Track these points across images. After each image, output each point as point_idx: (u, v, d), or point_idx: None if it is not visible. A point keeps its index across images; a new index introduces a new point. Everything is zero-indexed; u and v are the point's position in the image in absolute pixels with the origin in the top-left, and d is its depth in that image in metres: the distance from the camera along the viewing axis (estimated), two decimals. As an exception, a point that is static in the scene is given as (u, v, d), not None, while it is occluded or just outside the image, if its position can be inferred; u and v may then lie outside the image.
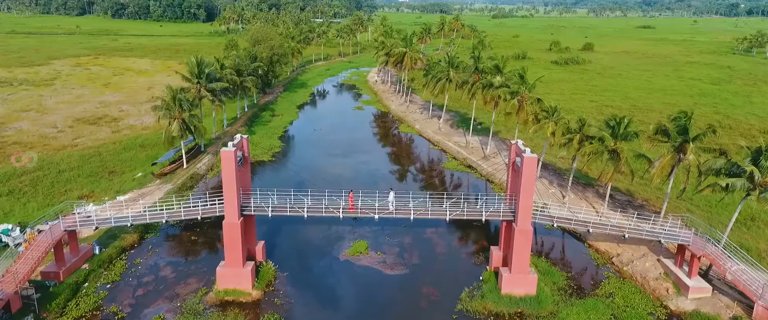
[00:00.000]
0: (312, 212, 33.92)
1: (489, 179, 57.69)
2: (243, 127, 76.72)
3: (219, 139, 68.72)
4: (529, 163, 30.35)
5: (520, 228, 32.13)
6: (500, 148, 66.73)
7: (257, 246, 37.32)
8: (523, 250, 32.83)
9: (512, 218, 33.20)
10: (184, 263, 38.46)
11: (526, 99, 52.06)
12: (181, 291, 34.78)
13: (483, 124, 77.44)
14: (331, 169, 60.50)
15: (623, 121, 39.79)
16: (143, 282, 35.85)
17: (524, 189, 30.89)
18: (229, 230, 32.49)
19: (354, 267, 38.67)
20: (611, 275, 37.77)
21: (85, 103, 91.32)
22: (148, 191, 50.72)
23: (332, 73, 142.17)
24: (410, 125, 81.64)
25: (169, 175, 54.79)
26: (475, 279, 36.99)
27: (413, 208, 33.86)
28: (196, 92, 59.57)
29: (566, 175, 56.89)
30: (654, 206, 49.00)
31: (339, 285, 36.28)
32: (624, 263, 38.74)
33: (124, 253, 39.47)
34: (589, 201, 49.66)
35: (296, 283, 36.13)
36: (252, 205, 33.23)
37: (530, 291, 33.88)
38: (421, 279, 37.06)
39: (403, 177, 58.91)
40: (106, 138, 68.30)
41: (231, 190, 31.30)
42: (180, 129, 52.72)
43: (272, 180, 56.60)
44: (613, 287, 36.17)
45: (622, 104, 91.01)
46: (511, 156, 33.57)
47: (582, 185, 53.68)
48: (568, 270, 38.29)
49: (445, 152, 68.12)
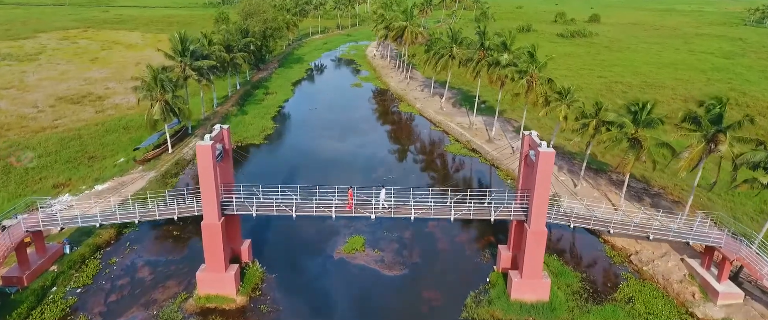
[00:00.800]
0: (302, 211, 30.48)
1: (494, 164, 54.12)
2: (234, 106, 72.74)
3: (208, 120, 64.86)
4: (545, 159, 26.74)
5: (534, 230, 28.75)
6: (505, 129, 62.96)
7: (243, 245, 34.04)
8: (536, 253, 29.53)
9: (524, 218, 29.78)
10: (164, 262, 35.23)
11: (535, 79, 48.02)
12: (158, 297, 31.63)
13: (487, 103, 73.40)
14: (326, 153, 56.88)
15: (646, 106, 35.91)
16: (118, 285, 32.69)
17: (539, 187, 27.36)
18: (209, 232, 29.13)
19: (349, 266, 35.47)
20: (630, 276, 34.61)
21: (69, 80, 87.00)
22: (130, 179, 47.21)
23: (330, 48, 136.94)
24: (410, 104, 77.59)
25: (152, 161, 51.21)
26: (481, 280, 33.84)
27: (414, 206, 30.37)
28: (180, 71, 55.37)
29: (577, 159, 53.32)
30: (672, 195, 45.65)
31: (332, 288, 33.12)
32: (643, 262, 35.53)
33: (99, 251, 36.23)
34: (602, 190, 46.22)
35: (285, 286, 32.98)
36: (234, 204, 29.76)
37: (542, 296, 30.76)
38: (422, 280, 33.91)
39: (402, 163, 55.32)
40: (89, 119, 64.41)
41: (209, 188, 27.79)
42: (163, 112, 48.85)
43: (263, 166, 53.10)
44: (633, 290, 33.04)
45: (632, 80, 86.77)
46: (524, 148, 29.92)
47: (593, 170, 50.16)
48: (583, 270, 35.12)
49: (447, 133, 64.33)
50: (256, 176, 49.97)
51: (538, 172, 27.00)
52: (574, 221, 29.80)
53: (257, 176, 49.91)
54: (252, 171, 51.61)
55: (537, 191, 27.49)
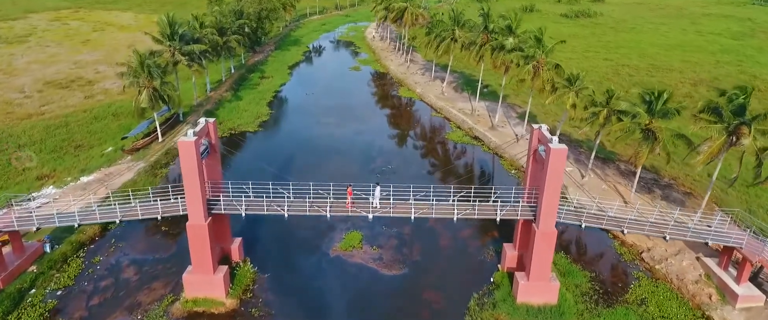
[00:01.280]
0: (294, 210, 28.49)
1: (497, 152, 52.01)
2: (228, 91, 70.27)
3: (200, 106, 62.53)
4: (557, 156, 24.64)
5: (543, 231, 26.81)
6: (509, 116, 60.66)
7: (233, 244, 32.18)
8: (545, 255, 27.66)
9: (532, 217, 27.81)
10: (150, 261, 33.43)
11: (542, 65, 45.56)
12: (143, 299, 29.89)
13: (490, 87, 70.92)
14: (323, 141, 54.70)
15: (662, 95, 33.63)
16: (101, 287, 30.92)
17: (549, 186, 25.33)
18: (195, 234, 27.21)
19: (346, 265, 33.68)
20: (642, 275, 32.84)
21: (59, 63, 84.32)
22: (117, 170, 45.18)
23: (328, 29, 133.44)
24: (411, 89, 75.07)
25: (141, 150, 49.08)
26: (484, 281, 32.08)
27: (414, 205, 28.36)
28: (169, 56, 52.83)
29: (584, 148, 51.21)
30: (683, 186, 43.69)
31: (327, 289, 31.36)
32: (656, 260, 33.72)
33: (83, 249, 34.40)
34: (610, 181, 44.22)
35: (278, 288, 31.22)
36: (222, 203, 27.76)
37: (550, 300, 29.02)
38: (423, 280, 32.14)
39: (402, 151, 53.17)
40: (77, 105, 62.06)
41: (194, 187, 25.76)
42: (151, 100, 46.52)
43: (257, 155, 50.96)
44: (645, 291, 31.30)
45: (639, 63, 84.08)
46: (533, 143, 27.79)
47: (600, 160, 48.08)
48: (592, 269, 33.34)
49: (448, 120, 62.04)
50: (250, 167, 48.11)
51: (548, 170, 24.93)
52: (585, 221, 27.85)
53: (251, 167, 48.07)
54: (246, 160, 49.54)
55: (547, 189, 25.47)
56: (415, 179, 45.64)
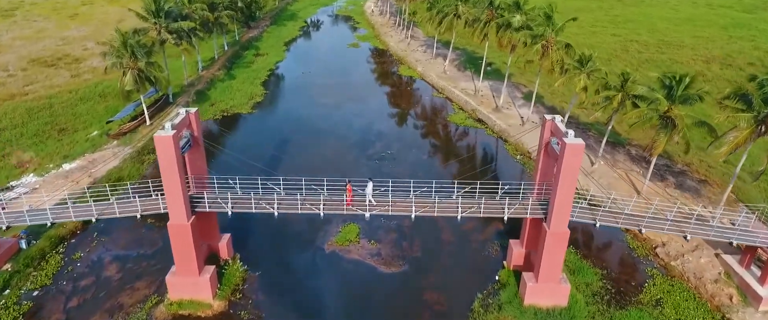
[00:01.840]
0: (285, 208, 26.29)
1: (502, 136, 49.58)
2: (221, 70, 67.35)
3: (192, 86, 59.82)
4: (572, 152, 22.31)
5: (554, 231, 24.67)
6: (514, 96, 57.99)
7: (221, 240, 30.13)
8: (556, 256, 25.62)
9: (543, 216, 25.63)
10: (134, 257, 31.46)
11: (551, 44, 42.69)
12: (125, 300, 28.01)
13: (494, 65, 68.00)
14: (319, 124, 52.20)
15: (683, 80, 31.03)
16: (80, 286, 29.00)
17: (563, 184, 23.07)
18: (177, 234, 25.11)
19: (342, 262, 31.71)
20: (656, 272, 30.89)
21: (45, 39, 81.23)
22: (102, 156, 42.89)
23: (326, 2, 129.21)
24: (411, 67, 72.08)
25: (128, 135, 46.68)
26: (489, 279, 30.15)
27: (414, 203, 26.14)
28: (155, 35, 49.86)
29: (592, 131, 48.78)
30: (698, 173, 41.47)
31: (322, 289, 29.45)
32: (672, 256, 31.73)
33: (62, 244, 32.42)
34: (621, 168, 41.96)
35: (270, 287, 29.30)
36: (206, 201, 25.54)
37: (560, 302, 27.11)
38: (424, 279, 30.20)
39: (401, 135, 50.67)
40: (63, 85, 59.33)
41: (174, 185, 23.52)
42: (136, 81, 43.87)
43: (250, 140, 48.57)
44: (661, 290, 29.39)
45: (649, 39, 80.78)
46: (545, 135, 25.39)
47: (610, 144, 45.69)
48: (603, 265, 31.38)
49: (450, 101, 59.39)
50: (243, 152, 45.69)
51: (562, 166, 22.62)
52: (600, 220, 25.68)
53: (244, 152, 45.65)
54: (238, 144, 47.21)
55: (560, 188, 23.21)
56: (416, 166, 43.48)
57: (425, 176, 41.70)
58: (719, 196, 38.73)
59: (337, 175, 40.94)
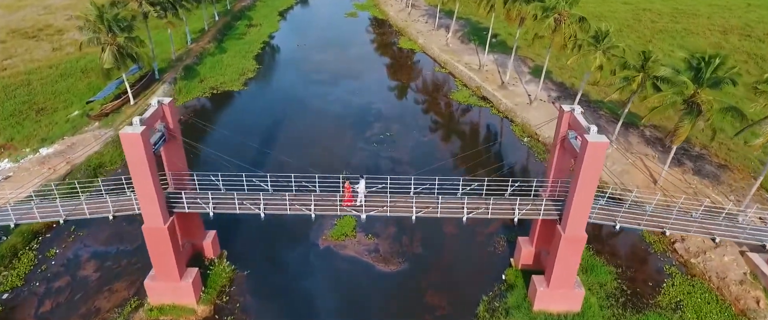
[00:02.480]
0: (273, 208, 23.81)
1: (507, 116, 46.74)
2: (211, 43, 63.76)
3: (180, 61, 56.48)
4: (595, 151, 19.65)
5: (569, 236, 22.27)
6: (521, 71, 54.77)
7: (205, 238, 27.81)
8: (571, 262, 23.32)
9: (557, 217, 23.18)
10: (114, 254, 29.25)
11: (564, 18, 39.33)
12: (102, 304, 25.93)
13: (499, 36, 64.41)
14: (314, 103, 49.22)
15: (713, 61, 28.01)
16: (54, 288, 26.87)
17: (583, 185, 20.52)
18: (152, 238, 22.76)
19: (337, 259, 29.50)
20: (675, 271, 28.71)
21: (27, 7, 77.47)
22: (82, 139, 40.23)
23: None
24: (412, 39, 68.41)
25: (111, 115, 43.84)
26: (495, 279, 27.99)
27: (415, 202, 23.64)
28: (136, 7, 46.31)
29: (604, 110, 45.92)
30: (717, 157, 38.90)
31: (315, 290, 27.31)
32: (692, 253, 29.48)
33: (36, 239, 30.16)
34: (636, 152, 39.34)
35: (259, 288, 27.17)
36: (185, 201, 23.02)
37: (573, 307, 25.00)
38: (425, 279, 28.05)
39: (401, 115, 47.70)
40: (43, 59, 56.12)
41: (146, 186, 20.98)
42: (115, 59, 40.72)
43: (240, 121, 45.72)
44: (680, 292, 27.26)
45: (663, 8, 76.78)
46: (561, 127, 22.66)
47: (622, 124, 42.96)
48: (617, 263, 29.17)
49: (453, 76, 56.17)
50: (232, 133, 43.02)
51: (583, 166, 20.00)
52: (620, 221, 23.24)
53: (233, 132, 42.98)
54: (228, 125, 44.49)
55: (579, 189, 20.67)
56: (417, 150, 40.81)
57: (426, 161, 39.14)
58: (741, 182, 36.27)
59: (332, 159, 38.68)
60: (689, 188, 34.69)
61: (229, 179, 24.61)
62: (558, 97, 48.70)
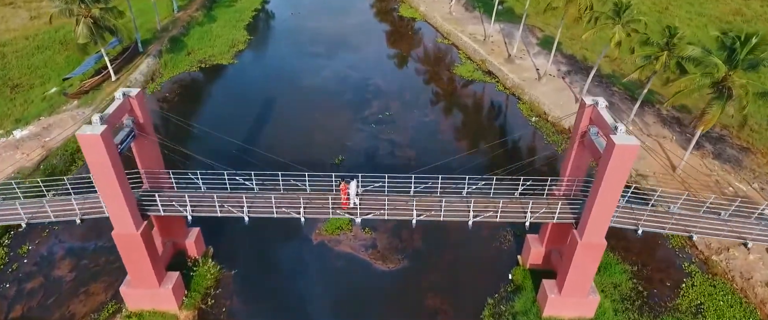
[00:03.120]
0: (258, 211, 21.48)
1: (514, 93, 43.86)
2: (199, 11, 59.96)
3: (165, 31, 53.02)
4: (623, 154, 17.16)
5: (587, 242, 20.04)
6: (528, 43, 51.45)
7: (188, 236, 25.61)
8: (587, 269, 21.22)
9: (573, 221, 20.88)
10: (91, 251, 27.18)
11: (580, -14, 35.97)
12: (78, 309, 24.02)
13: (506, 3, 60.55)
14: (308, 78, 46.21)
15: (749, 41, 25.07)
16: (26, 290, 24.92)
17: (606, 190, 18.13)
18: (124, 245, 20.54)
19: (331, 256, 27.44)
20: (695, 269, 26.71)
21: (5, -29, 72.59)
22: (59, 120, 37.60)
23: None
24: (413, 6, 64.50)
25: (91, 92, 41.01)
26: (501, 279, 26.02)
27: (416, 203, 21.28)
28: (113, -28, 42.56)
29: (617, 87, 43.05)
30: (739, 140, 36.41)
31: (307, 292, 25.38)
32: (713, 249, 27.41)
33: (8, 234, 28.01)
34: (652, 133, 36.80)
35: (247, 290, 25.22)
36: (159, 203, 20.64)
37: (586, 314, 23.09)
38: (425, 278, 26.07)
39: (401, 92, 44.68)
40: (19, 28, 52.66)
41: (112, 191, 18.58)
42: (91, 33, 37.58)
43: (229, 98, 42.90)
44: (700, 293, 25.34)
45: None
46: (582, 121, 20.04)
47: (635, 101, 40.23)
48: (633, 260, 27.13)
49: (457, 48, 52.85)
50: (220, 112, 40.46)
51: (608, 170, 17.55)
52: (643, 225, 20.96)
53: (221, 111, 40.42)
54: (216, 102, 41.82)
55: (601, 195, 18.29)
56: (417, 131, 38.17)
57: (427, 144, 36.72)
58: (765, 168, 33.92)
59: (328, 142, 36.12)
60: (710, 176, 32.35)
61: (211, 177, 22.15)
62: (568, 71, 45.68)
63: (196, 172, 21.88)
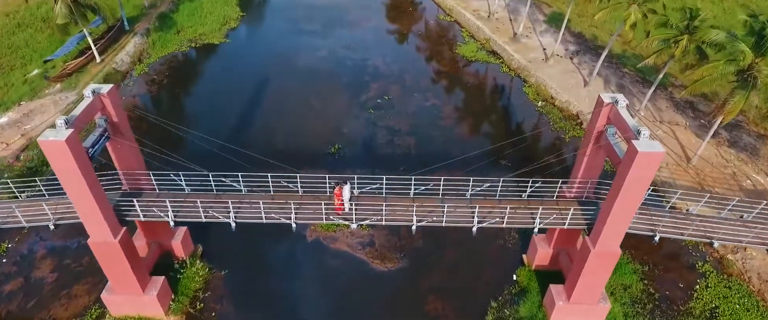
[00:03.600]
0: (246, 216, 19.95)
1: (520, 74, 41.81)
2: (189, -16, 56.92)
3: (153, 8, 50.43)
4: (646, 163, 15.48)
5: (600, 251, 18.57)
6: (535, 20, 49.00)
7: (175, 237, 24.14)
8: (598, 277, 19.83)
9: (586, 228, 19.35)
10: (74, 250, 25.79)
11: (593, -39, 33.49)
12: (59, 313, 22.83)
13: (511, -23, 57.49)
14: (303, 58, 43.97)
15: (780, 25, 23.06)
16: (4, 293, 23.67)
17: (625, 199, 16.55)
18: (102, 255, 19.09)
19: (327, 254, 26.09)
20: (710, 269, 25.42)
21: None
22: (40, 105, 35.77)
23: None
24: (414, -21, 61.37)
25: (75, 75, 38.98)
26: (505, 280, 24.74)
27: (416, 207, 19.71)
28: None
29: (627, 67, 40.99)
30: (755, 126, 34.77)
31: (301, 293, 24.17)
32: (728, 248, 26.03)
33: (-14, 232, 26.55)
34: (665, 119, 35.04)
35: (237, 292, 23.97)
36: (138, 208, 19.06)
37: (596, 320, 21.86)
38: (426, 280, 24.80)
39: (400, 74, 42.47)
40: (1, 5, 50.05)
41: (83, 199, 16.99)
42: (70, 12, 35.33)
43: (220, 81, 40.82)
44: (715, 295, 24.10)
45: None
46: (599, 120, 18.26)
47: (648, 84, 38.31)
48: (643, 259, 25.77)
49: (459, 25, 50.38)
50: (210, 96, 38.54)
51: (628, 178, 15.91)
52: (661, 231, 19.43)
53: (211, 95, 38.50)
54: (206, 85, 39.86)
55: (619, 203, 16.70)
56: (418, 118, 36.31)
57: (428, 131, 34.97)
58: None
59: (323, 129, 34.34)
60: (727, 168, 30.73)
61: (195, 179, 20.51)
62: (576, 51, 43.49)
63: (179, 173, 20.21)
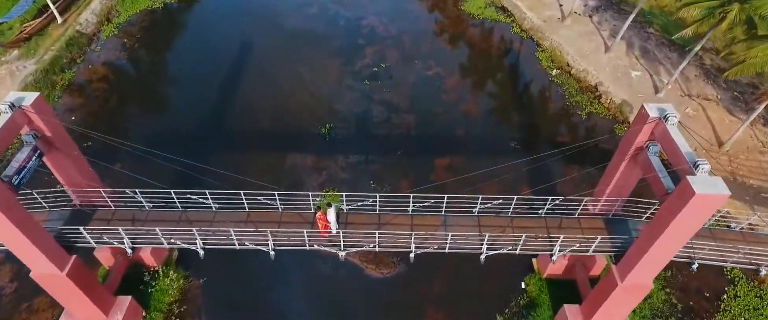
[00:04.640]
0: (215, 241, 17.10)
1: (532, 36, 37.59)
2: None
3: (122, -45, 44.93)
4: (702, 206, 12.38)
5: (629, 285, 15.92)
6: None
7: (143, 246, 21.43)
8: (623, 309, 17.33)
9: (613, 257, 16.60)
10: (35, 253, 23.21)
11: None
12: (19, 331, 20.63)
13: None
14: (291, 20, 39.15)
15: None
16: (-42, 308, 21.37)
17: (668, 239, 13.64)
18: (50, 287, 16.47)
19: (317, 258, 23.39)
20: (738, 274, 23.05)
21: None
22: (-4, 77, 32.04)
23: None
24: None
25: (34, 39, 34.86)
26: (512, 290, 22.39)
27: (415, 231, 16.84)
28: None
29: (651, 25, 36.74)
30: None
31: (288, 303, 21.93)
32: (761, 251, 23.45)
33: (-62, 233, 23.88)
34: (694, 93, 31.50)
35: (218, 302, 21.72)
36: (88, 237, 16.15)
37: (614, 343, 19.63)
38: (425, 288, 22.45)
39: (398, 36, 37.84)
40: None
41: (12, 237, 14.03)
42: (20, -33, 30.71)
43: (193, 47, 36.56)
44: (745, 306, 21.96)
45: None
46: (638, 137, 14.91)
47: (676, 49, 34.41)
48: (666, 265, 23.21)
49: (465, -25, 45.12)
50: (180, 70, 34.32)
51: (678, 219, 12.91)
52: (700, 258, 16.68)
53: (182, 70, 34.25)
54: (185, 44, 35.79)
55: (662, 242, 13.83)
56: (417, 91, 32.66)
57: (430, 106, 31.58)
58: None
59: (312, 105, 30.85)
60: (764, 153, 27.59)
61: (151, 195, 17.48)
62: (597, 8, 38.96)
63: (135, 190, 17.14)
